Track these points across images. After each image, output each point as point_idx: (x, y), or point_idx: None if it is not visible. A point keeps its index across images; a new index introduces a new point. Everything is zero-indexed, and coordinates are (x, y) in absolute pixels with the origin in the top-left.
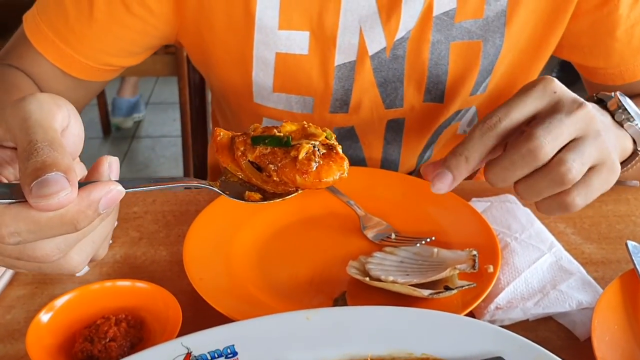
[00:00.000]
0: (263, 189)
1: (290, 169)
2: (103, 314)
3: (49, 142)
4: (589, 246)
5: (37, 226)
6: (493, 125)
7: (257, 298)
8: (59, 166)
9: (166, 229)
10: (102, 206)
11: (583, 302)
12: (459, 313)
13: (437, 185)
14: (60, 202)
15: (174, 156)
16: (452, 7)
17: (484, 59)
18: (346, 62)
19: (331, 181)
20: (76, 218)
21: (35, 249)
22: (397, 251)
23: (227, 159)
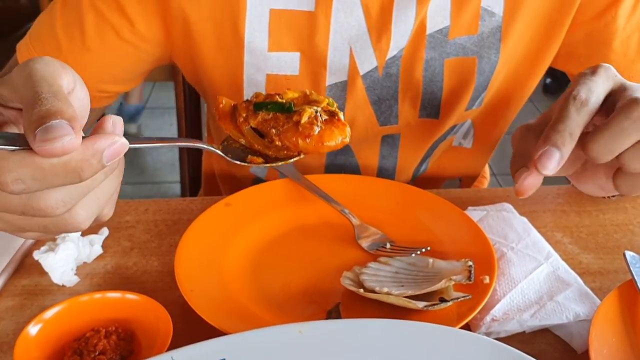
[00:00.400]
0: (265, 154)
1: (292, 133)
2: (93, 327)
3: (54, 93)
4: (586, 256)
5: (41, 173)
6: (585, 102)
7: (249, 310)
8: (63, 114)
9: (158, 238)
10: (107, 157)
11: (580, 313)
12: (455, 325)
13: (546, 164)
14: (64, 147)
15: (170, 162)
16: (446, 25)
17: (479, 75)
18: (337, 82)
19: (333, 145)
20: (80, 166)
21: (40, 199)
22: (392, 261)
23: (229, 125)
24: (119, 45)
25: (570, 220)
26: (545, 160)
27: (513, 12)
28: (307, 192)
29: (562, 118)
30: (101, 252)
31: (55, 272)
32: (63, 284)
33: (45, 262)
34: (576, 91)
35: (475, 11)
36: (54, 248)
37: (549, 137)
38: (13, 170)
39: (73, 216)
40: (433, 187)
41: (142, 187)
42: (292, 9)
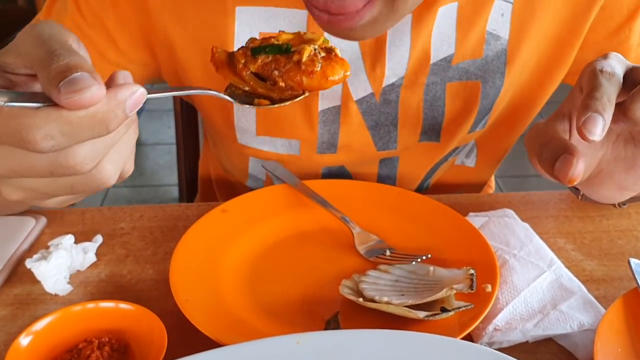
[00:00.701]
0: (270, 97)
1: (295, 72)
2: (85, 337)
3: (68, 49)
4: (589, 263)
5: (70, 127)
6: (613, 73)
7: (245, 320)
8: (83, 67)
9: (153, 245)
10: (129, 107)
11: (584, 323)
12: (456, 335)
13: (592, 129)
14: (92, 97)
15: (168, 164)
16: (451, 52)
17: (483, 99)
18: (330, 107)
19: (337, 79)
20: (107, 117)
21: (69, 155)
22: (391, 269)
23: (228, 74)
24: (102, 64)
25: (573, 226)
26: (591, 126)
27: (519, 35)
28: (304, 198)
29: (595, 87)
30: (95, 260)
31: (48, 280)
32: (56, 292)
33: (37, 271)
34: (600, 66)
35: (481, 35)
36: (46, 256)
37: (588, 104)
38: (41, 126)
39: (101, 172)
40: None
41: (140, 190)
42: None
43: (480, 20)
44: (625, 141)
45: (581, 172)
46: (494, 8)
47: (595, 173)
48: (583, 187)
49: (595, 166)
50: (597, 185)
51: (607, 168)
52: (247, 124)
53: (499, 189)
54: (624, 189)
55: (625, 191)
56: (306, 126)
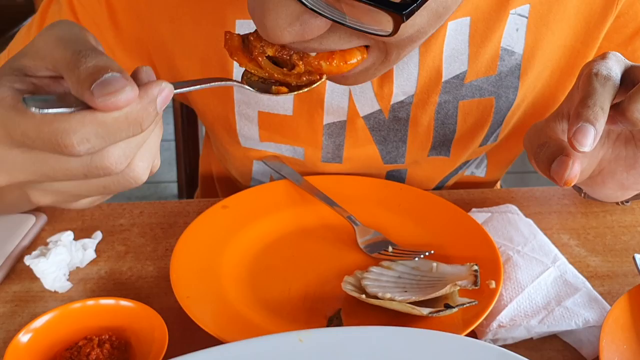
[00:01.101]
0: (286, 83)
1: (314, 57)
2: (86, 335)
3: (93, 50)
4: (594, 259)
5: (105, 129)
6: (608, 76)
7: (247, 317)
8: (113, 68)
9: (154, 242)
10: (159, 104)
11: (590, 319)
12: (460, 332)
13: (582, 141)
14: (127, 98)
15: (167, 160)
16: (463, 70)
17: (495, 114)
18: (335, 122)
19: (355, 62)
20: (141, 116)
21: (103, 157)
22: (394, 266)
23: (244, 59)
24: None
25: (576, 221)
26: (582, 137)
27: (533, 49)
28: (306, 194)
29: (589, 93)
30: (94, 256)
31: (47, 277)
32: (55, 290)
33: (36, 268)
34: (595, 69)
35: (495, 52)
36: (45, 253)
37: (579, 113)
38: (77, 129)
39: (134, 170)
40: None
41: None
42: None
43: (494, 37)
44: (626, 140)
45: (577, 175)
46: (509, 23)
47: (596, 172)
48: (585, 186)
49: (597, 165)
50: (599, 184)
51: (608, 167)
52: (249, 132)
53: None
54: (626, 188)
55: (627, 190)
56: (310, 137)
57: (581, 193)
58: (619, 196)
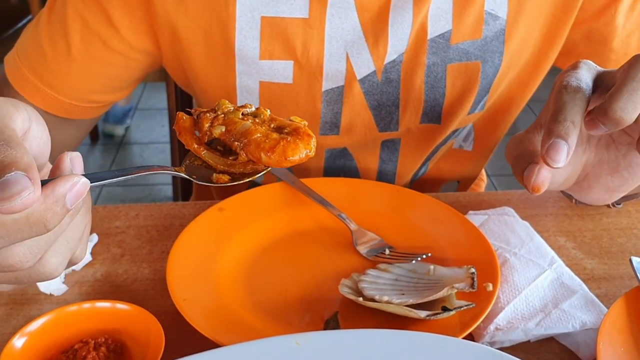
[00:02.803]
0: (230, 172)
1: (255, 147)
2: (81, 338)
3: (5, 141)
4: (590, 261)
5: (4, 230)
6: (578, 88)
7: (244, 320)
8: (18, 165)
9: (149, 244)
10: (70, 201)
11: (587, 322)
12: (458, 335)
13: (555, 157)
14: (24, 203)
15: (162, 162)
16: (448, 29)
17: (482, 79)
18: (334, 87)
19: (297, 159)
20: (44, 217)
21: (7, 256)
22: (391, 268)
23: (190, 141)
24: (106, 54)
25: (573, 224)
26: (554, 153)
27: (516, 14)
28: (303, 196)
29: (559, 108)
30: (90, 259)
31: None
32: (50, 292)
33: None
34: (565, 82)
35: (479, 15)
36: None
37: (551, 129)
38: None
39: (45, 265)
40: (431, 190)
41: (133, 189)
42: (285, 16)
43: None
44: (607, 144)
45: (544, 181)
46: None
47: (582, 177)
48: (573, 192)
49: (581, 171)
50: (585, 189)
51: (592, 172)
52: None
53: (493, 188)
54: (612, 191)
55: (613, 193)
56: (309, 106)
57: (572, 199)
58: (607, 199)
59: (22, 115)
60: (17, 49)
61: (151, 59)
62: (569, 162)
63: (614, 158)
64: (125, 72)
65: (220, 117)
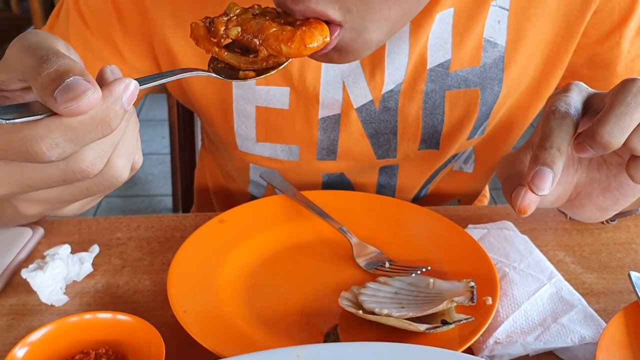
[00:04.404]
0: (253, 68)
1: (274, 40)
2: (82, 349)
3: (55, 53)
4: (589, 276)
5: (73, 133)
6: (565, 114)
7: (244, 332)
8: (74, 71)
9: (150, 256)
10: (126, 102)
11: (586, 336)
12: (457, 349)
13: (540, 185)
14: (90, 102)
15: (162, 174)
16: (447, 58)
17: (482, 105)
18: (330, 115)
19: (315, 46)
20: (107, 116)
21: (78, 160)
22: (391, 281)
23: (210, 46)
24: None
25: (572, 238)
26: (539, 181)
27: (516, 41)
28: (303, 209)
29: (546, 135)
30: (91, 270)
31: (44, 291)
32: (52, 303)
33: (33, 281)
34: (554, 107)
35: (478, 43)
36: (42, 266)
37: (537, 157)
38: (45, 136)
39: (113, 168)
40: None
41: (134, 200)
42: None
43: (476, 27)
44: (599, 164)
45: (530, 204)
46: (490, 15)
47: (574, 196)
48: (565, 209)
49: (573, 190)
50: (577, 207)
51: (584, 191)
52: (247, 130)
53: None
54: (604, 210)
55: (605, 211)
56: (305, 132)
57: (566, 216)
58: (599, 217)
59: (61, 44)
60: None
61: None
62: (559, 183)
63: (605, 178)
64: None
65: (234, 19)
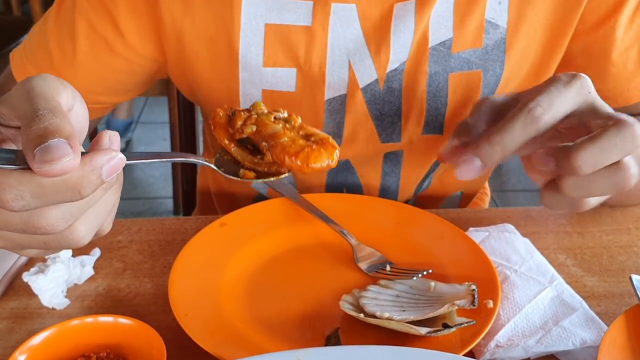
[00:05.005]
0: (256, 170)
1: (281, 150)
2: (83, 352)
3: (51, 110)
4: (590, 279)
5: (41, 190)
6: (537, 118)
7: (245, 335)
8: (61, 132)
9: (151, 259)
10: (105, 173)
11: (587, 340)
12: (458, 352)
13: (464, 174)
14: (63, 168)
15: (163, 176)
16: (449, 37)
17: (484, 88)
18: (336, 96)
19: (318, 167)
20: (80, 183)
21: (41, 217)
22: (392, 284)
23: (223, 136)
24: (111, 58)
25: (573, 241)
26: (465, 171)
27: (517, 23)
28: (304, 212)
29: (503, 129)
30: (92, 273)
31: (45, 294)
32: (53, 306)
33: (34, 284)
34: (535, 102)
35: (479, 24)
36: (43, 269)
37: (480, 146)
38: (14, 187)
39: (73, 232)
40: (434, 203)
41: (134, 203)
42: (288, 24)
43: (477, 7)
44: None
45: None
46: None
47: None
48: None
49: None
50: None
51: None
52: None
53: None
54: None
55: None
56: (311, 116)
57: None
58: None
59: (68, 94)
60: (24, 46)
61: (156, 66)
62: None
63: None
64: (129, 76)
65: (254, 117)
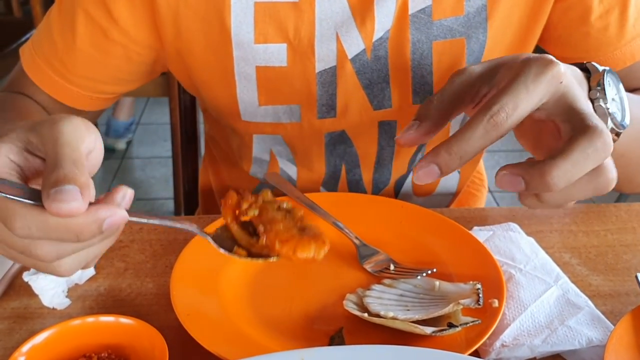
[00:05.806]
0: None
1: (274, 235)
2: (85, 352)
3: (74, 160)
4: (595, 278)
5: (46, 226)
6: (499, 124)
7: (248, 335)
8: (77, 181)
9: (153, 259)
10: (106, 225)
11: (593, 339)
12: (464, 352)
13: (423, 179)
14: (70, 210)
15: (164, 177)
16: (428, 4)
17: (469, 56)
18: (327, 68)
19: (304, 257)
20: (80, 229)
21: (37, 247)
22: (396, 284)
23: (228, 216)
24: (107, 45)
25: (578, 240)
26: (423, 175)
27: None
28: (307, 211)
29: (463, 138)
30: (94, 273)
31: (46, 294)
32: (54, 306)
33: (35, 284)
34: (499, 105)
35: None
36: None
37: (438, 153)
38: (24, 217)
39: (61, 266)
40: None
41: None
42: (276, 1)
43: None
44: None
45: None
46: None
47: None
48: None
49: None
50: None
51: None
52: (249, 94)
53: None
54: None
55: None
56: (305, 89)
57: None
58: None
59: (91, 138)
60: (33, 41)
61: (153, 54)
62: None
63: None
64: (127, 64)
65: (259, 202)
